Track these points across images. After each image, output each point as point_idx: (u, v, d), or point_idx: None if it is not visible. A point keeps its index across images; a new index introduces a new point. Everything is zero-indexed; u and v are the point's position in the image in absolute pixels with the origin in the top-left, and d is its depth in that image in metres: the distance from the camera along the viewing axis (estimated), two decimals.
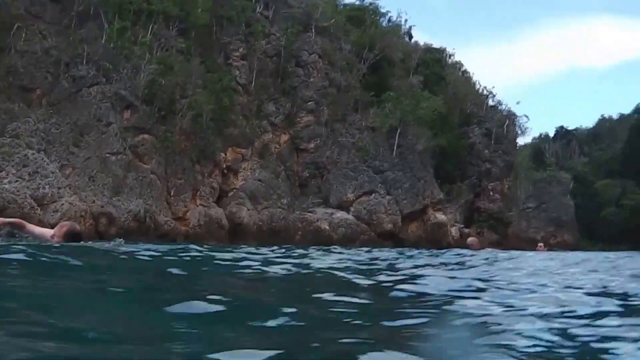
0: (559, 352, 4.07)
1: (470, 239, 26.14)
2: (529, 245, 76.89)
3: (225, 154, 61.35)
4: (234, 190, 62.21)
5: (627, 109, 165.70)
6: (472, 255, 19.27)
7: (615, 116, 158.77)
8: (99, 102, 50.66)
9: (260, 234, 59.60)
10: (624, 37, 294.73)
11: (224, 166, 61.37)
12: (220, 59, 64.16)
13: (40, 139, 47.43)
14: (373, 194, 68.30)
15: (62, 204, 45.78)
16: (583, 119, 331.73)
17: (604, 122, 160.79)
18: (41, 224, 43.86)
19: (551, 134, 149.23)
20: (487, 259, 17.08)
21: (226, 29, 65.09)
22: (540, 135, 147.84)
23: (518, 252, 29.58)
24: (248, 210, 61.18)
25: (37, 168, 45.78)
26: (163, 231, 51.28)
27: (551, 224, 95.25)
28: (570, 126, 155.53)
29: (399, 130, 71.25)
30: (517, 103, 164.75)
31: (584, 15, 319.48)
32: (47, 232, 12.77)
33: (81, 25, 53.25)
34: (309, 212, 64.58)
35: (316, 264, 12.90)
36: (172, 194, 54.62)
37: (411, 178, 71.35)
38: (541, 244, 33.55)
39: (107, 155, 49.63)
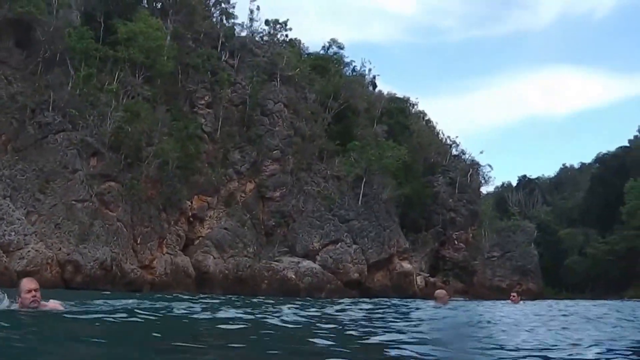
0: None
1: (438, 292, 25.59)
2: (495, 294, 77.29)
3: (191, 202, 61.30)
4: (200, 238, 62.09)
5: (588, 158, 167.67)
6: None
7: (576, 165, 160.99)
8: (65, 149, 50.53)
9: (226, 283, 59.35)
10: (582, 86, 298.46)
11: (190, 214, 61.29)
12: (186, 106, 64.29)
13: (6, 185, 47.15)
14: (339, 243, 68.20)
15: (29, 251, 45.42)
16: (545, 167, 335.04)
17: (565, 170, 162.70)
18: (7, 271, 43.64)
19: (514, 183, 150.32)
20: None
21: (192, 77, 65.36)
22: (503, 184, 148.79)
23: (499, 305, 29.58)
24: (214, 258, 60.93)
25: (2, 215, 45.45)
26: (129, 279, 50.95)
27: (516, 273, 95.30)
28: (533, 175, 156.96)
29: (364, 179, 71.51)
30: (481, 152, 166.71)
31: (543, 65, 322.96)
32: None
33: (47, 72, 53.27)
34: (275, 260, 64.35)
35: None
36: (138, 241, 54.31)
37: (377, 227, 71.41)
38: (514, 294, 33.05)
39: (74, 202, 49.38)
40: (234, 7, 76.52)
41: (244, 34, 76.67)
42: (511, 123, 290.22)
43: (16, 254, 44.98)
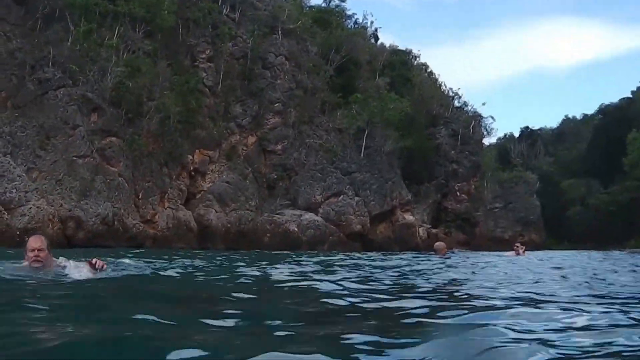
0: None
1: (437, 244, 25.49)
2: (497, 245, 77.33)
3: (193, 156, 60.95)
4: (202, 192, 61.87)
5: (591, 110, 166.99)
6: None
7: (579, 116, 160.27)
8: (65, 105, 50.15)
9: (228, 237, 59.30)
10: (585, 37, 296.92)
11: (192, 168, 60.98)
12: (186, 61, 63.76)
13: (6, 142, 46.92)
14: (341, 196, 68.10)
15: (30, 208, 45.27)
16: (547, 119, 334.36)
17: (567, 122, 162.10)
18: (9, 228, 43.57)
19: (516, 134, 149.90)
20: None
21: (193, 31, 64.73)
22: (505, 135, 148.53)
23: (506, 256, 29.37)
24: (216, 212, 60.79)
25: (3, 172, 45.26)
26: (131, 234, 50.82)
27: (518, 224, 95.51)
28: (535, 126, 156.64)
29: (366, 132, 71.25)
30: (483, 104, 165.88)
31: (546, 17, 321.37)
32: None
33: (46, 27, 52.83)
34: (278, 214, 64.25)
35: None
36: (140, 196, 54.10)
37: (379, 179, 71.26)
38: (518, 244, 32.66)
39: (74, 158, 49.10)
40: None
41: None
42: (513, 74, 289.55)
43: (17, 211, 44.86)
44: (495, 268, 18.27)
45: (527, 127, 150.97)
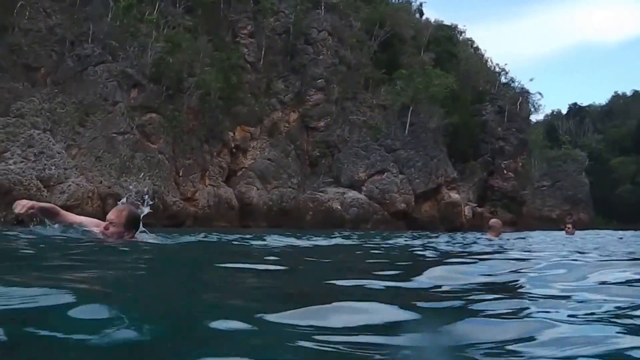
0: None
1: (493, 221, 24.55)
2: (544, 224, 76.57)
3: (234, 133, 60.83)
4: (243, 169, 61.75)
5: None
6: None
7: (629, 92, 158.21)
8: (105, 81, 50.03)
9: (270, 215, 59.15)
10: (635, 10, 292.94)
11: (233, 145, 60.84)
12: (228, 37, 63.53)
13: (46, 119, 46.86)
14: (385, 173, 67.69)
15: (69, 185, 45.20)
16: (596, 95, 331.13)
17: (617, 98, 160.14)
18: None
19: (564, 111, 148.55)
20: None
21: (234, 6, 64.47)
22: (553, 112, 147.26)
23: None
24: (258, 190, 60.64)
25: (42, 148, 45.19)
26: (172, 212, 50.61)
27: (566, 203, 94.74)
28: (584, 103, 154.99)
29: (411, 108, 70.66)
30: (531, 80, 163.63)
31: None
32: (90, 221, 9.76)
33: (86, 3, 52.62)
34: (320, 192, 64.02)
35: None
36: (180, 174, 54.02)
37: (424, 157, 70.66)
38: (570, 225, 32.10)
39: (114, 135, 49.02)
40: None
41: None
42: (561, 49, 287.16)
43: (57, 188, 44.80)
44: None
45: (575, 104, 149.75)
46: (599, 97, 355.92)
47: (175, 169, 53.64)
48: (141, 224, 9.42)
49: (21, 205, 8.81)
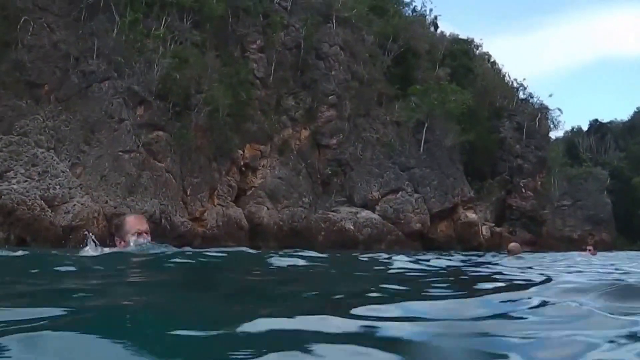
0: None
1: (513, 244, 24.65)
2: (565, 245, 76.44)
3: (243, 151, 60.94)
4: (253, 188, 61.81)
5: None
6: None
7: None
8: (110, 98, 50.31)
9: (281, 235, 59.22)
10: None
11: (242, 163, 60.95)
12: (236, 51, 63.74)
13: (50, 137, 47.13)
14: (400, 192, 67.79)
15: (74, 205, 45.39)
16: (618, 111, 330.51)
17: (639, 114, 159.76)
18: (53, 226, 43.80)
19: (584, 127, 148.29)
20: None
21: (242, 20, 64.64)
22: (573, 128, 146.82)
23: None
24: (268, 209, 60.74)
25: (46, 167, 45.43)
26: (179, 232, 50.75)
27: (588, 223, 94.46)
28: (605, 119, 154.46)
29: (426, 125, 70.74)
30: (550, 96, 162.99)
31: (613, 2, 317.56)
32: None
33: (91, 18, 52.90)
34: (332, 211, 64.11)
35: None
36: (188, 193, 54.18)
37: (440, 175, 70.76)
38: (590, 247, 32.09)
39: (120, 153, 49.26)
40: None
41: None
42: (581, 64, 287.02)
43: (61, 208, 45.00)
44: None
45: (596, 120, 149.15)
46: (621, 112, 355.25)
47: (182, 188, 53.81)
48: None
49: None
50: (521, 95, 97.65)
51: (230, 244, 52.63)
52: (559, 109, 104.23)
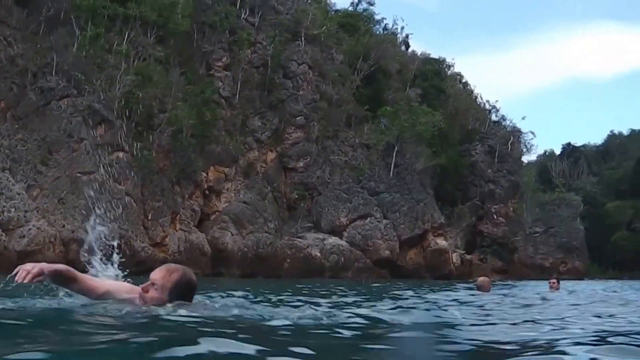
0: None
1: (482, 279, 24.50)
2: (537, 273, 76.60)
3: (207, 174, 60.55)
4: (217, 213, 61.39)
5: (639, 124, 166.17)
6: None
7: (625, 132, 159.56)
8: (69, 116, 49.70)
9: (245, 262, 58.74)
10: (633, 44, 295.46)
11: (206, 187, 60.57)
12: (201, 69, 63.40)
13: (5, 157, 46.43)
14: (368, 218, 67.53)
15: (30, 229, 44.75)
16: (591, 135, 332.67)
17: (613, 138, 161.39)
18: (7, 251, 43.03)
19: (557, 151, 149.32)
20: None
21: (208, 36, 64.38)
22: (545, 152, 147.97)
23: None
24: (232, 235, 60.25)
25: (1, 189, 44.71)
26: (140, 258, 50.04)
27: (560, 250, 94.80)
28: (578, 142, 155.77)
29: (396, 148, 70.63)
30: (523, 118, 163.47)
31: (589, 21, 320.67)
32: (119, 287, 8.02)
33: (50, 32, 52.44)
34: (299, 237, 63.74)
35: None
36: (149, 217, 53.64)
37: (410, 200, 70.58)
38: (554, 280, 31.66)
39: (79, 175, 48.66)
40: None
41: None
42: (553, 86, 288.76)
43: (16, 232, 44.33)
44: None
45: (569, 144, 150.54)
46: (594, 136, 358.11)
47: (144, 212, 53.33)
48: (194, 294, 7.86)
49: (25, 273, 7.04)
50: (493, 117, 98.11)
51: (193, 271, 52.08)
52: (532, 132, 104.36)
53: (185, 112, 55.67)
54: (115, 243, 9.12)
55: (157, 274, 7.53)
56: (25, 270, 7.01)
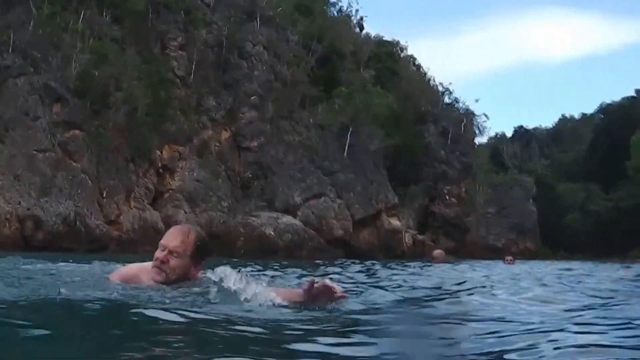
0: None
1: (438, 251, 25.95)
2: (489, 253, 77.56)
3: (161, 152, 60.84)
4: (170, 191, 61.72)
5: (590, 109, 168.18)
6: None
7: (577, 116, 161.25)
8: (26, 94, 50.13)
9: None
10: (584, 30, 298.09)
11: (160, 165, 60.83)
12: (157, 48, 63.79)
13: None
14: (322, 198, 68.21)
15: None
16: (543, 118, 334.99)
17: (565, 121, 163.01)
18: None
19: (508, 134, 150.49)
20: None
21: (163, 16, 64.67)
22: (497, 135, 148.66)
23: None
24: (185, 213, 60.68)
25: None
26: (95, 236, 50.72)
27: (512, 231, 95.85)
28: (529, 125, 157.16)
29: (350, 129, 71.23)
30: (476, 101, 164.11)
31: (541, 6, 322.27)
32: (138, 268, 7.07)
33: (7, 11, 52.66)
34: (252, 216, 64.21)
35: None
36: (104, 195, 54.11)
37: (363, 180, 71.35)
38: (510, 257, 33.19)
39: (35, 152, 49.12)
40: None
41: None
42: (505, 69, 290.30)
43: None
44: None
45: (521, 127, 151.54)
46: (546, 119, 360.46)
47: (98, 190, 53.73)
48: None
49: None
50: (447, 99, 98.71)
51: (147, 249, 52.69)
52: (485, 115, 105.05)
53: (140, 91, 56.03)
54: None
55: (173, 241, 6.59)
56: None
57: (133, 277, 6.79)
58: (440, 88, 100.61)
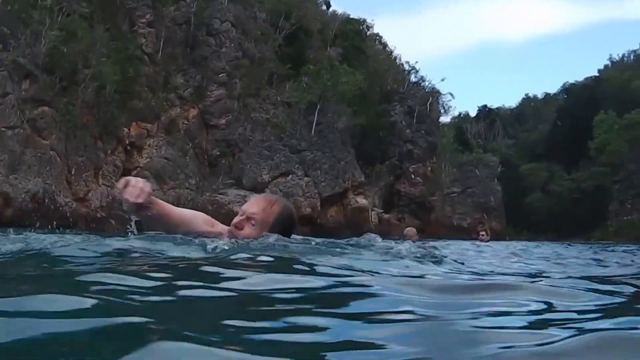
0: None
1: (409, 229, 26.17)
2: (454, 233, 78.06)
3: (129, 129, 60.80)
4: (138, 168, 61.55)
5: (553, 89, 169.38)
6: None
7: (540, 95, 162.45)
8: None
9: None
10: (547, 9, 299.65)
11: (128, 142, 60.82)
12: (125, 25, 63.61)
13: None
14: (290, 175, 68.49)
15: None
16: (506, 97, 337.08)
17: (528, 101, 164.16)
18: None
19: (472, 113, 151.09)
20: None
21: None
22: (461, 114, 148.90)
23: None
24: (153, 190, 59.98)
25: None
26: (63, 213, 50.57)
27: (478, 210, 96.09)
28: (493, 105, 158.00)
29: (318, 107, 71.40)
30: (442, 80, 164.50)
31: None
32: (198, 215, 6.31)
33: None
34: (220, 193, 64.44)
35: None
36: (72, 172, 54.07)
37: (331, 159, 71.62)
38: (483, 233, 33.40)
39: (3, 129, 48.91)
40: None
41: None
42: (469, 48, 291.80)
43: None
44: None
45: (484, 106, 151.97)
46: (509, 99, 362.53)
47: (67, 167, 53.68)
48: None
49: (136, 191, 5.45)
50: (413, 78, 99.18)
51: (116, 227, 52.77)
52: (451, 94, 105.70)
53: (109, 68, 55.98)
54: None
55: (254, 207, 5.95)
56: (134, 190, 5.43)
57: (209, 223, 6.21)
58: (406, 67, 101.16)
